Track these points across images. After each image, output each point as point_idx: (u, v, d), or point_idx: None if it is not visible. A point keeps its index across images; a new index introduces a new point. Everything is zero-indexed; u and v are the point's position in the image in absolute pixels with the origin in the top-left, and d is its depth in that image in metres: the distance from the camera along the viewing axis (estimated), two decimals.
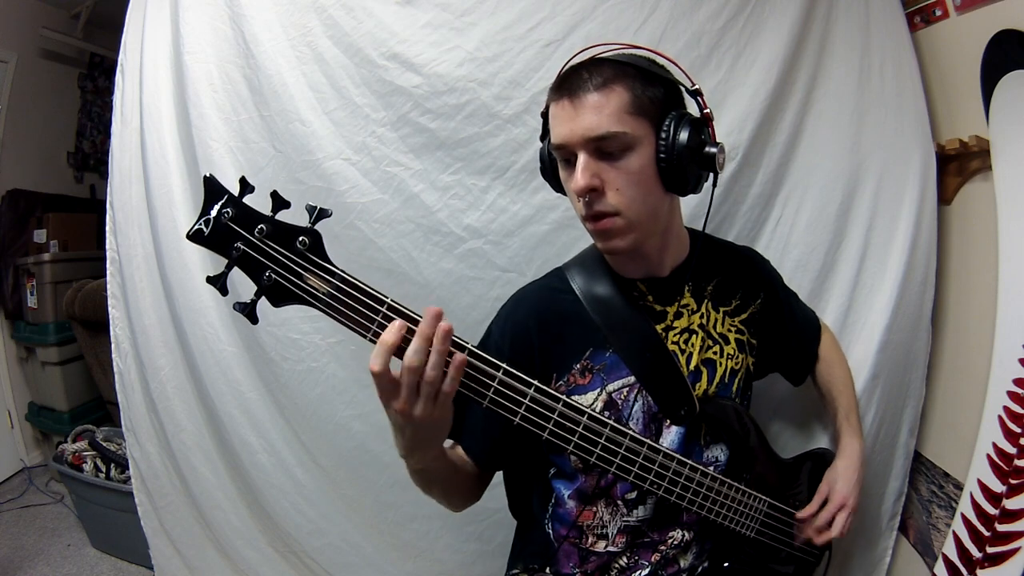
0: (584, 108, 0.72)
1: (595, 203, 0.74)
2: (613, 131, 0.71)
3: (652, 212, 0.77)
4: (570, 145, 0.74)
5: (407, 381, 0.61)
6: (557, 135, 0.75)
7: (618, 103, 0.72)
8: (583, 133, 0.72)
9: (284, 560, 1.38)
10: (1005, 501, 0.96)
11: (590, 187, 0.72)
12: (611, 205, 0.74)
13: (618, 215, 0.74)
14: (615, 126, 0.71)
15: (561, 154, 0.77)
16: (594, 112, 0.72)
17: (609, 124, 0.71)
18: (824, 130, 1.18)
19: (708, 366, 0.88)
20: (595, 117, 0.71)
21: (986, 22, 1.00)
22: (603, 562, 0.88)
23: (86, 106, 3.05)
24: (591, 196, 0.73)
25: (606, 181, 0.73)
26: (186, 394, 1.37)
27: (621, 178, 0.73)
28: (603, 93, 0.72)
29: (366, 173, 1.21)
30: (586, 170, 0.72)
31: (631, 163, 0.73)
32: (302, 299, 0.63)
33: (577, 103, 0.72)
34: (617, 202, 0.74)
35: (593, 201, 0.74)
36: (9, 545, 2.06)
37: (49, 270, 2.48)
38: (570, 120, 0.73)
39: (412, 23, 1.17)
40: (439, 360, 0.61)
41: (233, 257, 0.61)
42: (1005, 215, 1.01)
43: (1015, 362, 0.96)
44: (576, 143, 0.73)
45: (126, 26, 1.34)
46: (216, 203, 0.61)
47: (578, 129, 0.72)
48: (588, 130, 0.72)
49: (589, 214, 0.75)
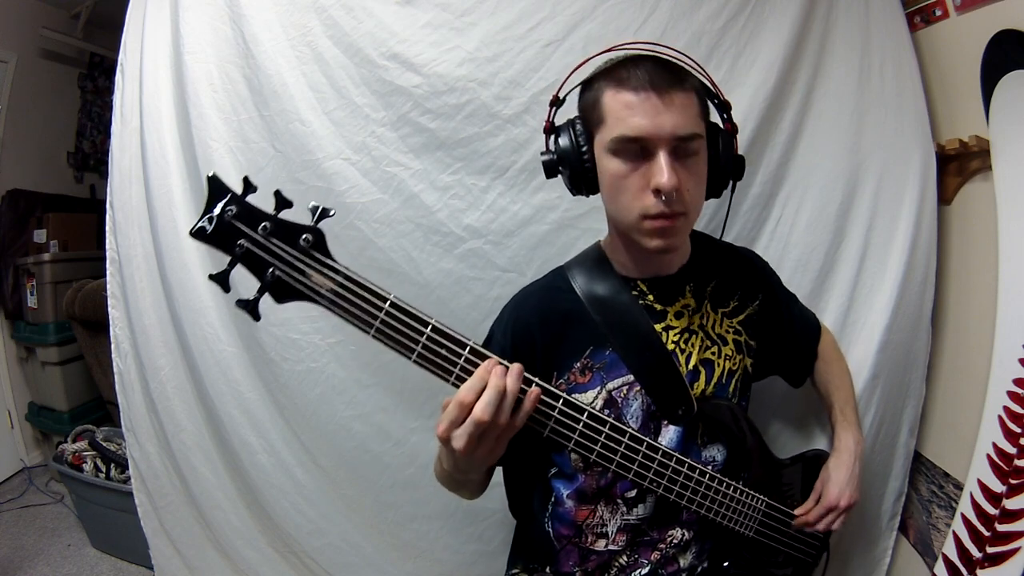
0: (672, 105, 0.72)
1: (673, 202, 0.73)
2: (697, 132, 0.74)
3: (698, 214, 0.80)
4: (653, 139, 0.72)
5: (472, 432, 0.62)
6: (635, 127, 0.72)
7: (699, 106, 0.75)
8: (672, 130, 0.71)
9: (284, 560, 1.38)
10: (1005, 501, 0.96)
11: (676, 187, 0.72)
12: (684, 204, 0.75)
13: (685, 215, 0.76)
14: (698, 128, 0.74)
15: (630, 146, 0.73)
16: (682, 111, 0.72)
17: (694, 126, 0.73)
18: (824, 130, 1.18)
19: (706, 366, 0.88)
20: (682, 116, 0.72)
21: (986, 22, 1.00)
22: (603, 561, 0.89)
23: (86, 106, 3.05)
24: (674, 195, 0.73)
25: (681, 180, 0.73)
26: (186, 394, 1.37)
27: (692, 179, 0.75)
28: (688, 94, 0.74)
29: (366, 173, 1.21)
30: (672, 170, 0.71)
31: (700, 166, 0.76)
32: (305, 295, 0.63)
33: (665, 98, 0.71)
34: (688, 202, 0.75)
35: (671, 200, 0.73)
36: (9, 545, 2.06)
37: (49, 270, 2.48)
38: (656, 114, 0.71)
39: (412, 23, 1.17)
40: (510, 406, 0.63)
41: (236, 254, 0.62)
42: (1005, 215, 1.01)
43: (1015, 362, 0.96)
44: (662, 139, 0.72)
45: (126, 26, 1.34)
46: (219, 201, 0.62)
47: (667, 125, 0.71)
48: (677, 128, 0.71)
49: (664, 213, 0.74)
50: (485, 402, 0.61)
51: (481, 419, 0.61)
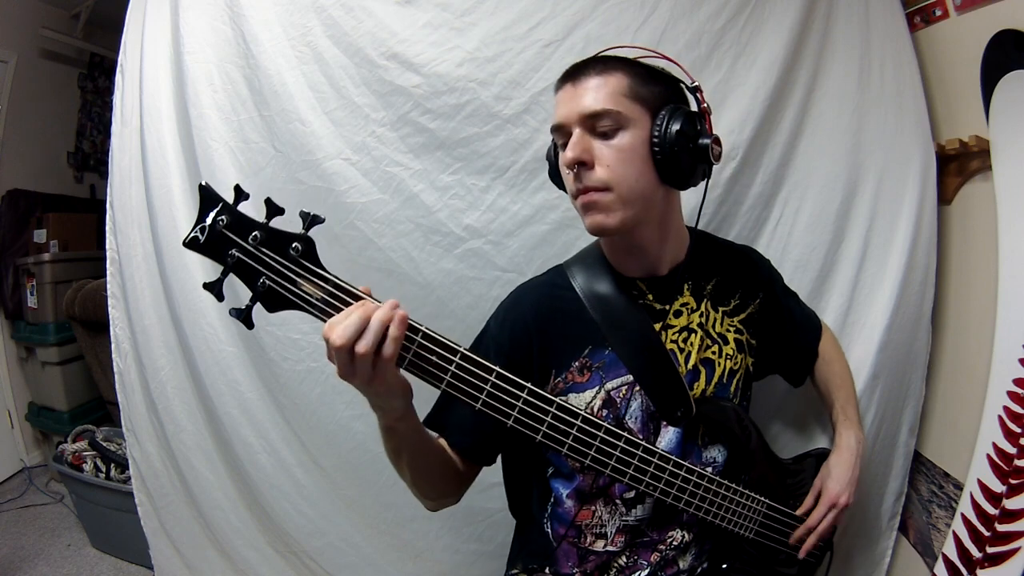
0: (585, 88, 0.76)
1: (583, 176, 0.75)
2: (607, 108, 0.74)
3: (643, 195, 0.77)
4: (566, 123, 0.76)
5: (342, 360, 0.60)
6: (556, 116, 0.78)
7: (616, 85, 0.75)
8: (580, 110, 0.75)
9: (284, 560, 1.38)
10: (1005, 501, 0.96)
11: (578, 159, 0.74)
12: (599, 179, 0.75)
13: (607, 190, 0.75)
14: (610, 104, 0.74)
15: (559, 136, 0.79)
16: (593, 92, 0.75)
17: (605, 102, 0.74)
18: (824, 130, 1.18)
19: (706, 366, 0.88)
20: (593, 95, 0.75)
21: (986, 22, 1.00)
22: (602, 561, 0.88)
23: (86, 106, 3.05)
24: (579, 169, 0.75)
25: (597, 157, 0.75)
26: (186, 394, 1.37)
27: (612, 155, 0.75)
28: (603, 76, 0.76)
29: (366, 173, 1.21)
30: (577, 144, 0.75)
31: (623, 141, 0.75)
32: (296, 305, 0.63)
33: (579, 85, 0.76)
34: (607, 177, 0.75)
35: (582, 174, 0.75)
36: (9, 545, 2.06)
37: (49, 270, 2.48)
38: (569, 100, 0.76)
39: (412, 23, 1.17)
40: (374, 333, 0.60)
41: (228, 264, 0.62)
42: (1005, 215, 1.01)
43: (1015, 362, 0.96)
44: (572, 120, 0.76)
45: (126, 26, 1.34)
46: (211, 210, 0.62)
47: (575, 107, 0.75)
48: (584, 107, 0.75)
49: (577, 188, 0.77)
50: (343, 326, 0.59)
51: (340, 345, 0.59)
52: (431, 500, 0.87)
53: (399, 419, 0.71)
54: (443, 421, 0.86)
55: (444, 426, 0.86)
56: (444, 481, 0.85)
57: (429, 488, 0.85)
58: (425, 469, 0.82)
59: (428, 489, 0.85)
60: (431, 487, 0.85)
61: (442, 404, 0.86)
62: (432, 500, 0.87)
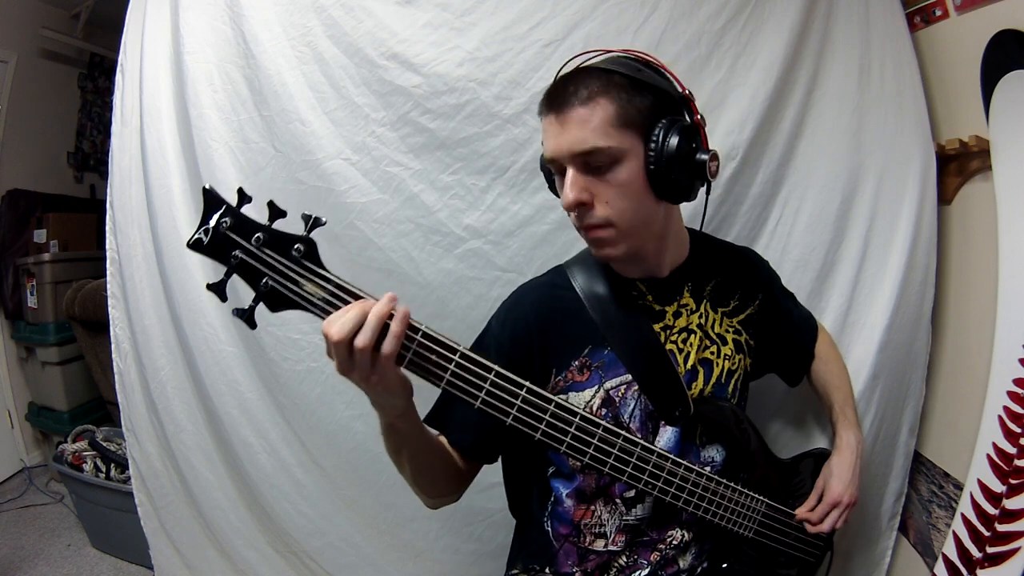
0: (570, 123, 0.72)
1: (585, 216, 0.75)
2: (599, 146, 0.71)
3: (644, 221, 0.77)
4: (559, 160, 0.74)
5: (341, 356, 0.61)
6: (546, 149, 0.76)
7: (603, 116, 0.71)
8: (569, 148, 0.72)
9: (284, 560, 1.38)
10: (1005, 501, 0.96)
11: (578, 202, 0.73)
12: (600, 217, 0.74)
13: (610, 226, 0.75)
14: (600, 141, 0.71)
15: (552, 167, 0.78)
16: (579, 127, 0.71)
17: (595, 139, 0.71)
18: (824, 130, 1.18)
19: (705, 366, 0.88)
20: (580, 132, 0.71)
21: (986, 22, 1.00)
22: (602, 561, 0.89)
23: (86, 106, 3.05)
24: (580, 210, 0.74)
25: (595, 194, 0.74)
26: (186, 394, 1.37)
27: (610, 191, 0.73)
28: (588, 107, 0.71)
29: (366, 173, 1.21)
30: (574, 185, 0.73)
31: (619, 176, 0.73)
32: (298, 304, 0.64)
33: (563, 118, 0.73)
34: (607, 214, 0.74)
35: (583, 215, 0.75)
36: (9, 545, 2.06)
37: (49, 270, 2.48)
38: (557, 135, 0.73)
39: (412, 23, 1.17)
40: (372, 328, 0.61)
41: (232, 265, 0.63)
42: (1005, 215, 1.01)
43: (1015, 362, 0.96)
44: (564, 158, 0.73)
45: (126, 26, 1.34)
46: (215, 213, 0.62)
47: (564, 144, 0.73)
48: (574, 145, 0.72)
49: (580, 226, 0.77)
50: (342, 321, 0.60)
51: (338, 340, 0.60)
52: (431, 498, 0.87)
53: (400, 417, 0.71)
54: (444, 419, 0.86)
55: (445, 424, 0.86)
56: (444, 479, 0.86)
57: (429, 486, 0.86)
58: (426, 467, 0.82)
59: (428, 487, 0.86)
60: (431, 485, 0.86)
61: (443, 402, 0.86)
62: (432, 498, 0.88)
